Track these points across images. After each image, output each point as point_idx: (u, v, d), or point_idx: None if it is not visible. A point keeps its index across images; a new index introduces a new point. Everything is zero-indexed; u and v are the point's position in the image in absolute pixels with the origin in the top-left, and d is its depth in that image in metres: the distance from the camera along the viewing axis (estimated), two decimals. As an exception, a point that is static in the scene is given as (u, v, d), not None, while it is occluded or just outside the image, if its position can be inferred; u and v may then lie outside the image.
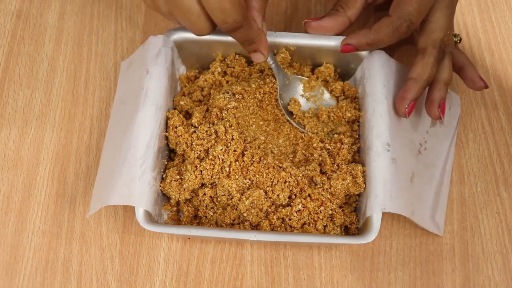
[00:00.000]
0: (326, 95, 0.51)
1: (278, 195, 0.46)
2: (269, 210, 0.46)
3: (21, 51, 0.57)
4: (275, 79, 0.50)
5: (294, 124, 0.50)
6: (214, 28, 0.43)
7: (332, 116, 0.50)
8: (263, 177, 0.46)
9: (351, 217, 0.47)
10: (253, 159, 0.47)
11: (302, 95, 0.51)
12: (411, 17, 0.46)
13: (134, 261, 0.48)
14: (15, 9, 0.59)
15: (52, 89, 0.55)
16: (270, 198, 0.46)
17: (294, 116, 0.50)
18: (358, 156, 0.49)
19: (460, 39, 0.51)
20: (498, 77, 0.57)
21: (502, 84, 0.57)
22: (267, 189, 0.46)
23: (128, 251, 0.49)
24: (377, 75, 0.49)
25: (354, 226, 0.47)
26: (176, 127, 0.48)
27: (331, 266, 0.48)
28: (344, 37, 0.50)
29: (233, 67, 0.52)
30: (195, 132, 0.48)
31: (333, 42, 0.51)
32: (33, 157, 0.52)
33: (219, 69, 0.52)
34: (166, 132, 0.49)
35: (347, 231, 0.47)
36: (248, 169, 0.46)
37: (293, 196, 0.47)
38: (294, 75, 0.51)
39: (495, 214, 0.51)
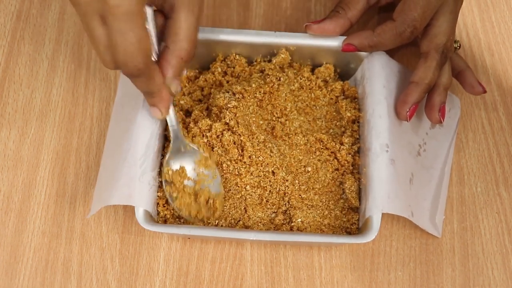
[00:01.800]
0: (218, 179, 0.47)
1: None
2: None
3: (21, 51, 0.57)
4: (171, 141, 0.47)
5: (166, 193, 0.46)
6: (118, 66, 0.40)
7: (210, 204, 0.46)
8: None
9: (352, 218, 0.47)
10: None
11: (194, 169, 0.47)
12: (415, 23, 0.47)
13: (134, 261, 0.48)
14: (15, 9, 0.59)
15: (52, 89, 0.55)
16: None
17: (173, 186, 0.46)
18: (358, 157, 0.49)
19: (460, 46, 0.51)
20: (498, 77, 0.57)
21: (502, 84, 0.57)
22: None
23: (128, 251, 0.49)
24: (377, 75, 0.49)
25: (355, 227, 0.47)
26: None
27: (331, 266, 0.48)
28: (345, 37, 0.50)
29: (233, 67, 0.52)
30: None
31: (334, 42, 0.51)
32: (33, 157, 0.52)
33: (219, 69, 0.52)
34: (166, 132, 0.49)
35: (347, 231, 0.47)
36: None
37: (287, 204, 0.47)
38: (193, 146, 0.47)
39: (495, 214, 0.51)
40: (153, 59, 0.42)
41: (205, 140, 0.48)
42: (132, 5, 0.36)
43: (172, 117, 0.46)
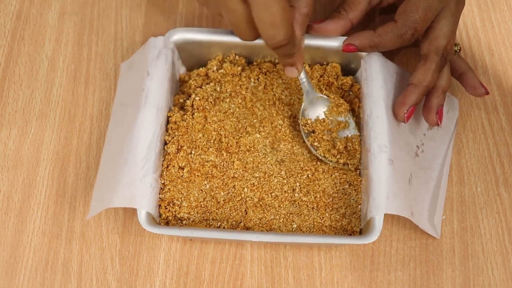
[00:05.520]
0: (352, 123, 0.50)
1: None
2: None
3: (21, 51, 0.57)
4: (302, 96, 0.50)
5: (308, 144, 0.49)
6: (258, 37, 0.42)
7: (350, 147, 0.49)
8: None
9: (353, 219, 0.47)
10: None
11: (327, 117, 0.50)
12: (416, 25, 0.47)
13: (134, 261, 0.48)
14: (15, 9, 0.59)
15: (52, 89, 0.55)
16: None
17: (313, 135, 0.49)
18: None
19: (460, 49, 0.51)
20: (498, 77, 0.57)
21: (502, 84, 0.57)
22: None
23: (128, 251, 0.49)
24: (374, 76, 0.49)
25: (357, 227, 0.47)
26: (175, 123, 0.49)
27: (331, 266, 0.48)
28: (346, 37, 0.50)
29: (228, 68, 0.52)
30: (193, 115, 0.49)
31: (334, 42, 0.50)
32: (33, 157, 0.52)
33: (215, 68, 0.52)
34: (167, 132, 0.49)
35: (348, 232, 0.47)
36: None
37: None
38: (323, 95, 0.50)
39: (495, 214, 0.51)
40: None
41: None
42: None
43: (303, 72, 0.48)
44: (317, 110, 0.50)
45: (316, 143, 0.49)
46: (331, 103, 0.50)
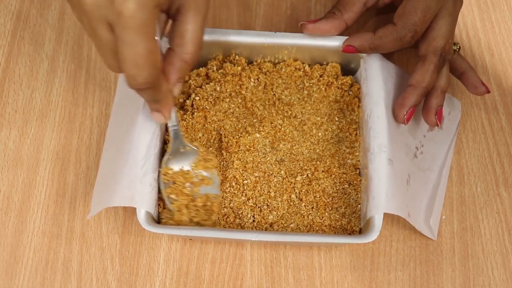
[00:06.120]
0: (216, 182, 0.47)
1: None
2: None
3: (21, 51, 0.57)
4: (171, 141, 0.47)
5: (164, 195, 0.46)
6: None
7: (208, 207, 0.46)
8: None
9: (353, 218, 0.47)
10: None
11: (192, 170, 0.46)
12: (415, 27, 0.47)
13: (134, 261, 0.48)
14: (15, 9, 0.59)
15: (52, 89, 0.55)
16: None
17: (173, 186, 0.46)
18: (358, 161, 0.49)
19: (459, 48, 0.51)
20: (498, 77, 0.57)
21: (502, 84, 0.57)
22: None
23: (128, 251, 0.49)
24: (374, 77, 0.49)
25: (357, 227, 0.47)
26: None
27: (331, 266, 0.48)
28: (347, 37, 0.50)
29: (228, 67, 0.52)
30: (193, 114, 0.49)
31: (334, 42, 0.51)
32: (33, 157, 0.52)
33: (215, 68, 0.52)
34: (167, 132, 0.49)
35: (348, 231, 0.47)
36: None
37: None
38: (192, 147, 0.47)
39: (495, 214, 0.51)
40: None
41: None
42: (147, 17, 0.34)
43: (173, 117, 0.46)
44: (183, 161, 0.46)
45: (173, 196, 0.45)
46: (199, 156, 0.46)
